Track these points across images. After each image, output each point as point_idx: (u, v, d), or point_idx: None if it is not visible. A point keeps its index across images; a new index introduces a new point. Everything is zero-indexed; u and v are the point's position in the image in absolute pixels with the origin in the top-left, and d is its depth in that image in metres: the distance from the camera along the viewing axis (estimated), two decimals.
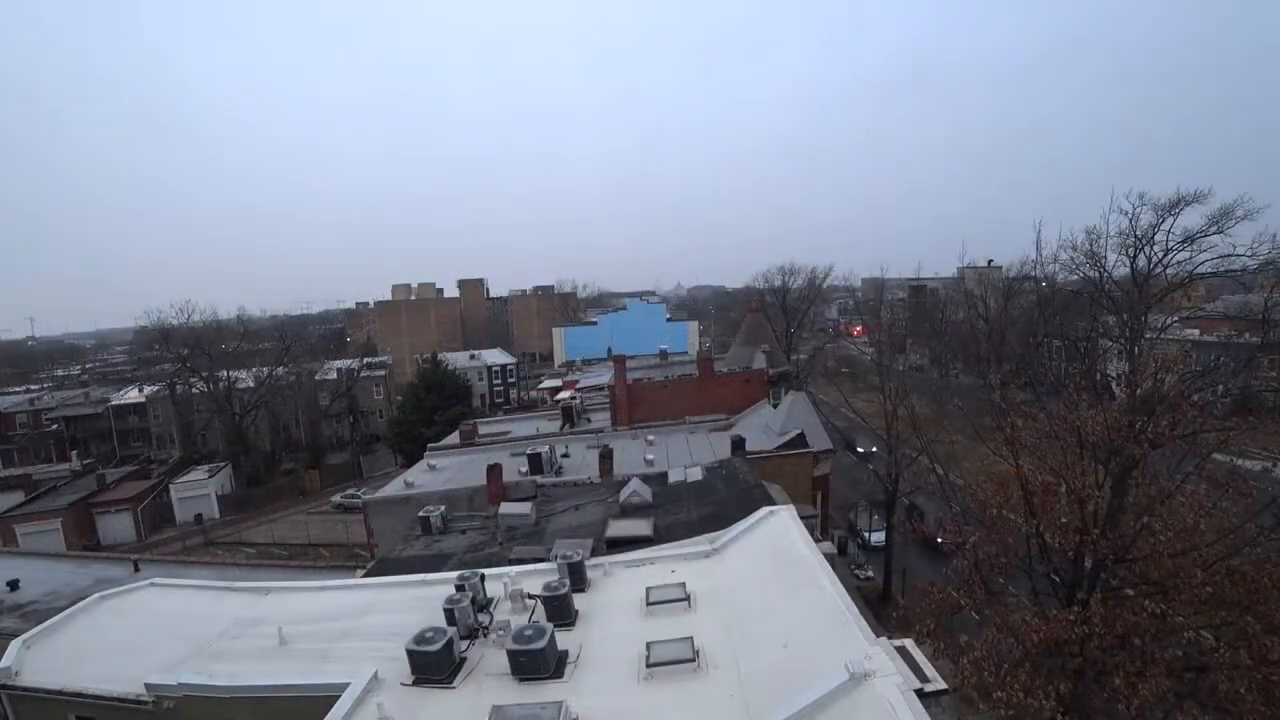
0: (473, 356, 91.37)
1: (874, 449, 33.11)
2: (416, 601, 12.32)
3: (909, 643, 8.69)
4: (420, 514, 20.72)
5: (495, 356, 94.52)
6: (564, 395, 49.56)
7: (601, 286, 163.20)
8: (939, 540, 18.86)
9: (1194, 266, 34.79)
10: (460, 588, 11.44)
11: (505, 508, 20.83)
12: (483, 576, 12.06)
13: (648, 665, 9.35)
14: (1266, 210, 31.04)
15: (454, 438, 36.54)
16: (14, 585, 23.16)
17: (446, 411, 55.04)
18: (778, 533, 12.61)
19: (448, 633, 10.01)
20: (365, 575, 17.14)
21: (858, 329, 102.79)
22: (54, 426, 73.11)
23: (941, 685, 7.85)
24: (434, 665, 9.68)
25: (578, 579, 12.42)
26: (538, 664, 9.46)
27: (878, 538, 35.15)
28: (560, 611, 11.11)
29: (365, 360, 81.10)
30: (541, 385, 75.14)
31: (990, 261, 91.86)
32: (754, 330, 45.47)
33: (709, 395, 35.54)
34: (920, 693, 7.44)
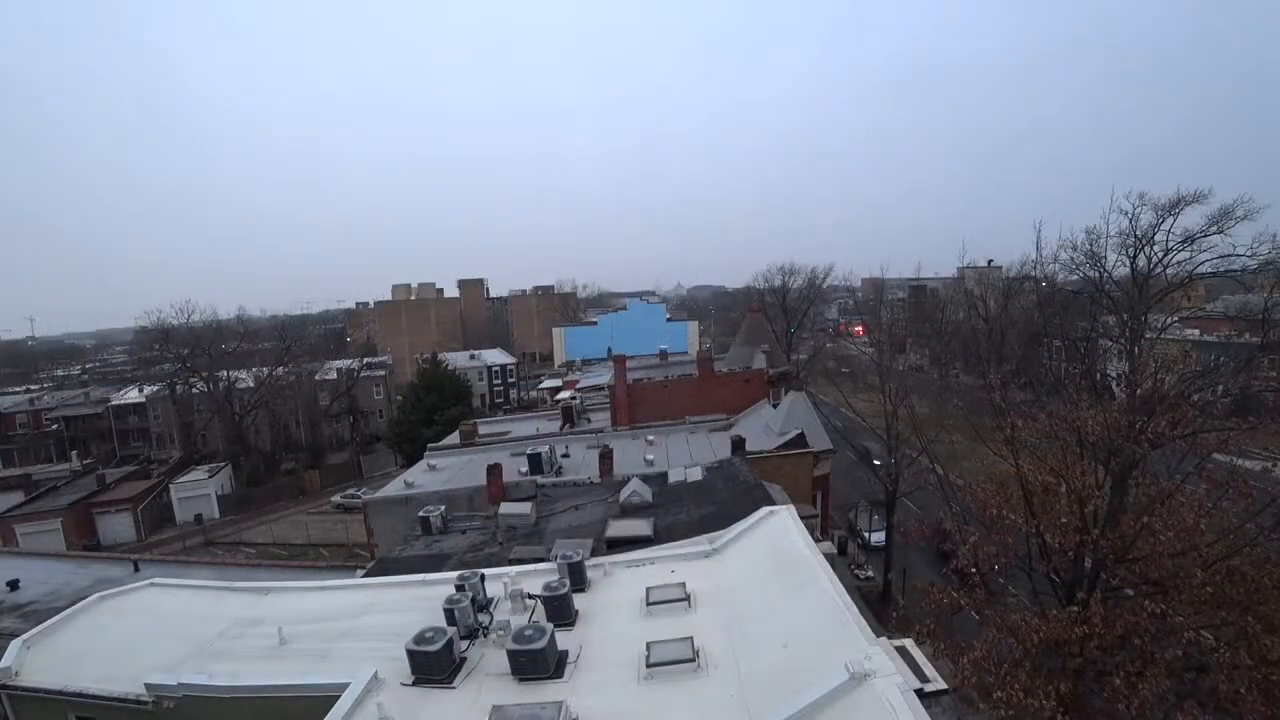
0: (473, 356, 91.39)
1: (892, 461, 32.96)
2: (416, 601, 12.32)
3: (909, 643, 8.70)
4: (420, 514, 20.70)
5: (495, 356, 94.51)
6: (564, 395, 49.56)
7: (601, 286, 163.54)
8: (970, 570, 17.75)
9: (1194, 266, 34.76)
10: (460, 588, 11.44)
11: (505, 508, 20.82)
12: (483, 576, 12.05)
13: (648, 665, 9.34)
14: (1266, 210, 31.03)
15: (454, 438, 36.52)
16: (14, 585, 23.11)
17: (446, 411, 55.07)
18: (778, 533, 12.60)
19: (448, 633, 10.01)
20: (365, 575, 17.14)
21: (858, 329, 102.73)
22: (54, 426, 73.14)
23: (941, 685, 7.86)
24: (434, 665, 9.67)
25: (578, 579, 12.41)
26: (538, 664, 9.46)
27: (878, 538, 35.15)
28: (560, 611, 11.11)
29: (365, 360, 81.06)
30: (541, 385, 75.16)
31: (990, 261, 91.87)
32: (754, 330, 45.45)
33: (709, 395, 35.52)
34: (920, 693, 7.45)
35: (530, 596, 11.62)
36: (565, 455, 29.35)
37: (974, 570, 15.73)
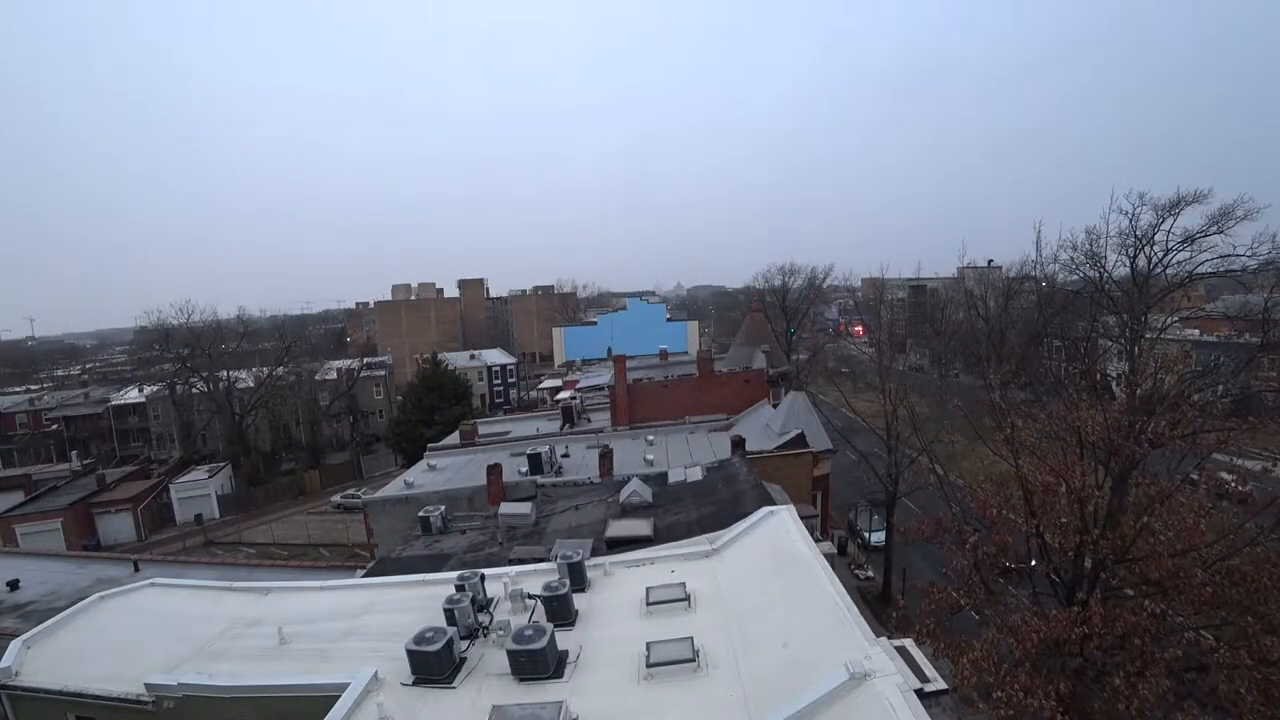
0: (473, 356, 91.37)
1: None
2: (416, 601, 12.31)
3: (909, 643, 8.69)
4: (420, 514, 20.69)
5: (495, 356, 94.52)
6: (564, 395, 49.54)
7: (601, 286, 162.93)
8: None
9: (1194, 266, 34.86)
10: (460, 588, 11.43)
11: (505, 508, 20.81)
12: (483, 576, 12.05)
13: (648, 665, 9.34)
14: (1266, 210, 31.19)
15: (454, 438, 36.51)
16: (14, 585, 23.10)
17: (446, 412, 55.05)
18: (778, 533, 12.59)
19: (448, 633, 10.00)
20: (365, 575, 17.13)
21: (858, 329, 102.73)
22: (54, 426, 73.13)
23: (941, 685, 7.85)
24: (434, 665, 9.67)
25: (578, 579, 12.41)
26: (538, 664, 9.45)
27: (878, 538, 35.14)
28: (560, 611, 11.11)
29: (365, 360, 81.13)
30: (541, 385, 75.11)
31: (990, 261, 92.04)
32: (754, 330, 45.45)
33: (709, 395, 35.51)
34: (920, 693, 7.44)
35: (530, 596, 11.61)
36: (565, 455, 29.33)
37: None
